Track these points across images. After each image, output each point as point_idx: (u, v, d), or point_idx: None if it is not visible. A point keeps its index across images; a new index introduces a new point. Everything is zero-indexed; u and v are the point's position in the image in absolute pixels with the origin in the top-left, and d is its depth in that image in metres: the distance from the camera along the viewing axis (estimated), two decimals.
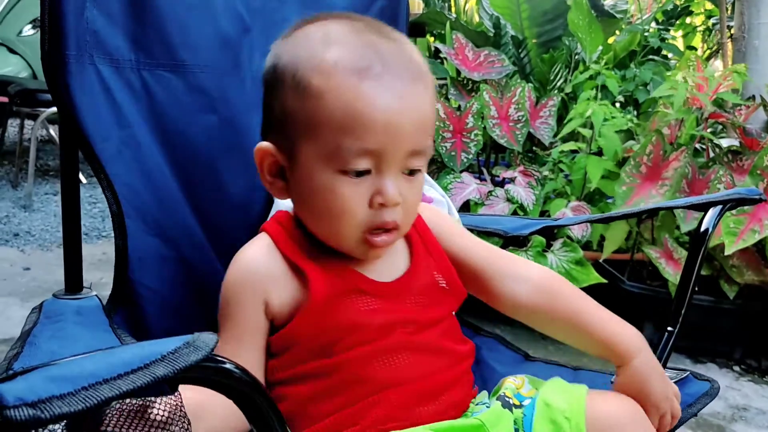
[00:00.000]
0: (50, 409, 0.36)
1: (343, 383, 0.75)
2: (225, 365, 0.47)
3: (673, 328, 0.98)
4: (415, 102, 0.72)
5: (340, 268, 0.78)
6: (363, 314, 0.77)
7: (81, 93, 0.86)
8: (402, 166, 0.74)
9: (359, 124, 0.70)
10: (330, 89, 0.70)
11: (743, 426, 2.03)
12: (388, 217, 0.74)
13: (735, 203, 0.99)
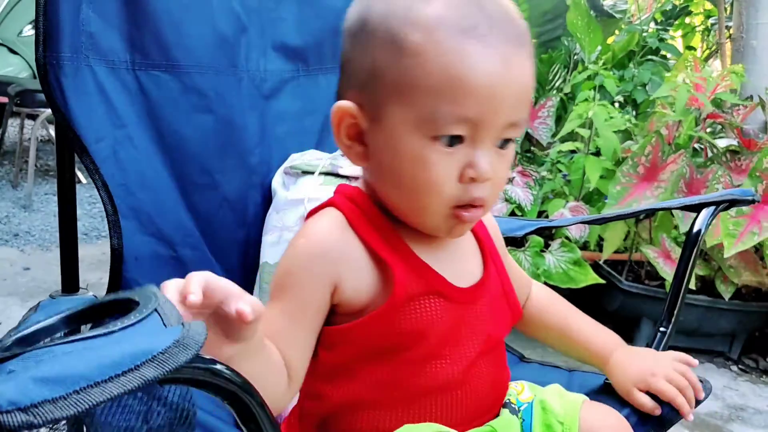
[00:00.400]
0: (43, 414, 0.36)
1: (395, 395, 0.71)
2: (215, 366, 0.47)
3: (666, 329, 0.98)
4: (520, 68, 0.64)
5: (420, 264, 0.71)
6: (439, 320, 0.71)
7: (75, 94, 0.87)
8: (496, 137, 0.66)
9: (459, 89, 0.62)
10: (429, 47, 0.62)
11: (740, 426, 2.03)
12: (478, 193, 0.66)
13: (728, 204, 0.99)
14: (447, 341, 0.72)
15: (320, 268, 0.69)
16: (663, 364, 0.89)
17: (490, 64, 0.62)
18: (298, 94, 1.14)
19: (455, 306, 0.72)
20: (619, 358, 0.89)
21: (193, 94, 0.99)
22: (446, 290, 0.72)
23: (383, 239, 0.71)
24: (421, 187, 0.66)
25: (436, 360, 0.71)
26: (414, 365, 0.71)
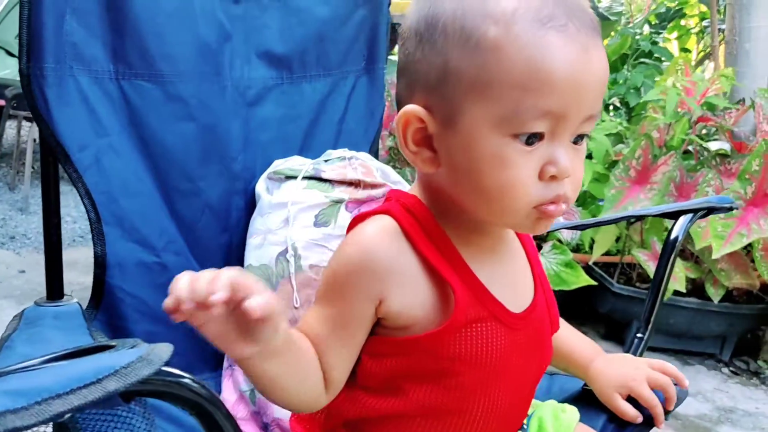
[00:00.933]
0: (3, 423, 0.37)
1: (432, 415, 0.70)
2: (181, 379, 0.49)
3: (643, 335, 0.99)
4: (599, 57, 0.62)
5: (479, 286, 0.69)
6: (493, 347, 0.69)
7: (58, 104, 0.88)
8: (574, 132, 0.63)
9: (543, 81, 0.59)
10: (510, 41, 0.59)
11: (729, 428, 2.04)
12: (559, 191, 0.63)
13: (706, 212, 1.01)
14: (501, 368, 0.70)
15: (367, 281, 0.66)
16: (642, 369, 0.90)
17: (572, 54, 0.59)
18: (282, 101, 1.15)
19: (510, 332, 0.70)
20: (600, 366, 0.90)
21: (177, 103, 1.01)
22: (502, 316, 0.69)
23: (441, 254, 0.68)
24: (503, 188, 0.63)
25: (487, 387, 0.70)
26: (464, 390, 0.69)
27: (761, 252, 2.20)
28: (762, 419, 2.11)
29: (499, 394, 0.70)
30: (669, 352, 2.51)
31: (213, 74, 1.06)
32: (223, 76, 1.07)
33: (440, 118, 0.64)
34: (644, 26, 3.49)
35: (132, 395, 0.47)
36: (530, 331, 0.72)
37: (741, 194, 2.11)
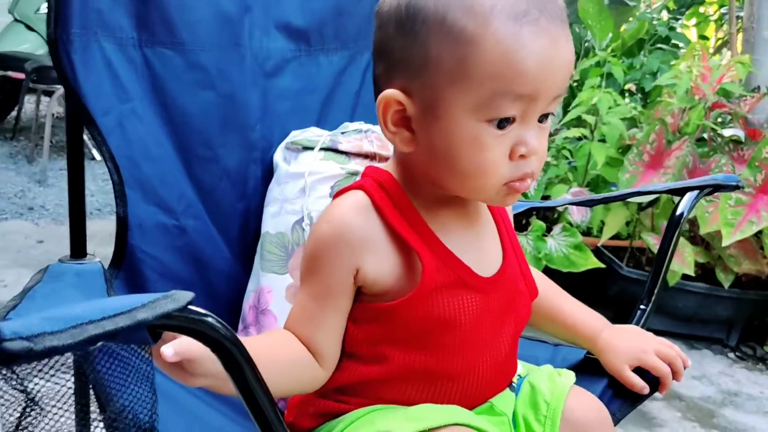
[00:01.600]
0: (41, 342, 0.40)
1: (417, 377, 0.75)
2: (205, 318, 0.52)
3: (646, 307, 1.02)
4: (566, 46, 0.68)
5: (447, 253, 0.74)
6: (466, 310, 0.74)
7: (84, 69, 0.91)
8: (543, 111, 0.69)
9: (517, 71, 0.65)
10: (488, 36, 0.64)
11: (732, 410, 2.07)
12: (528, 168, 0.69)
13: (711, 189, 1.02)
14: (472, 331, 0.75)
15: (342, 253, 0.71)
16: (651, 341, 0.93)
17: (543, 46, 0.65)
18: (300, 73, 1.18)
19: (481, 295, 0.75)
20: (608, 338, 0.93)
21: (197, 71, 1.03)
22: (471, 280, 0.74)
23: (410, 225, 0.73)
24: (477, 168, 0.68)
25: (461, 348, 0.75)
26: (440, 351, 0.74)
27: None
28: (766, 403, 2.13)
29: (477, 354, 0.75)
30: (676, 336, 2.53)
31: (233, 44, 1.08)
32: (243, 46, 1.10)
33: (419, 103, 0.69)
34: (662, 12, 3.48)
35: (159, 330, 0.50)
36: (502, 293, 0.77)
37: (751, 182, 2.12)
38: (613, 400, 0.91)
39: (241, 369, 0.54)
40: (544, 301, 0.95)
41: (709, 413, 2.03)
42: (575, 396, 0.83)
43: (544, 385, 0.83)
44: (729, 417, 2.02)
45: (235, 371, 0.55)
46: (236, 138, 1.09)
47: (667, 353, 0.91)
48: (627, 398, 0.91)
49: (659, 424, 1.94)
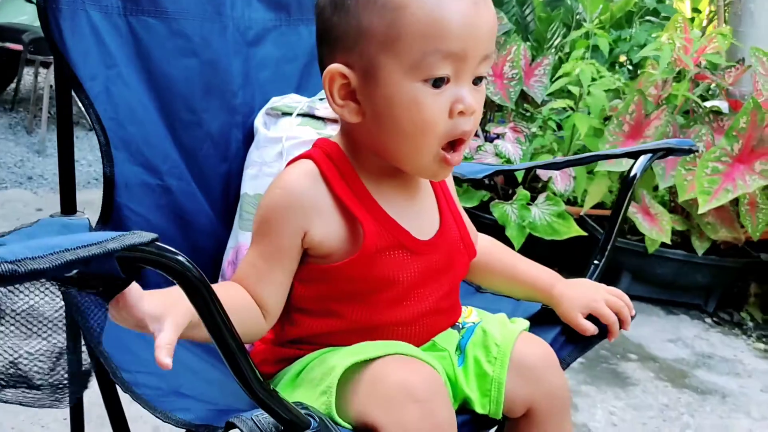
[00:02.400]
0: (24, 266, 0.47)
1: (354, 327, 0.82)
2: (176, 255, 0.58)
3: (599, 262, 1.08)
4: (487, 9, 0.74)
5: (387, 219, 0.81)
6: (404, 269, 0.81)
7: (72, 36, 0.97)
8: (474, 73, 0.75)
9: (442, 30, 0.70)
10: (419, 2, 0.71)
11: (705, 372, 2.15)
12: (466, 126, 0.75)
13: (664, 152, 1.08)
14: (413, 286, 0.83)
15: (292, 217, 0.78)
16: (601, 292, 1.00)
17: (463, 6, 0.71)
18: (280, 42, 1.23)
19: (418, 256, 0.82)
20: (563, 290, 0.99)
21: (180, 39, 1.09)
22: (409, 243, 0.82)
23: (354, 194, 0.80)
24: (418, 127, 0.74)
25: (403, 302, 0.83)
26: (384, 306, 0.82)
27: (747, 207, 2.27)
28: (737, 365, 2.21)
29: (417, 306, 0.84)
30: (655, 302, 2.61)
31: (215, 13, 1.14)
32: (225, 15, 1.15)
33: (360, 73, 0.75)
34: None
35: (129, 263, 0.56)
36: (440, 253, 0.85)
37: (728, 151, 2.18)
38: (565, 345, 0.98)
39: (205, 301, 0.61)
40: (500, 264, 1.04)
41: (681, 374, 2.12)
42: (524, 340, 0.90)
43: (495, 330, 0.90)
44: (701, 378, 2.11)
45: (199, 302, 0.61)
46: (218, 103, 1.15)
47: (615, 303, 0.98)
48: (577, 343, 0.98)
49: (633, 383, 2.03)
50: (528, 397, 0.87)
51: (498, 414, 0.85)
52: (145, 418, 0.99)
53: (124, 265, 0.55)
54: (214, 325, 0.61)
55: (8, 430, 1.54)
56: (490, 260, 1.04)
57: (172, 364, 0.94)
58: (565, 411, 0.90)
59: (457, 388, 0.87)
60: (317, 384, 0.78)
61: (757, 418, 1.91)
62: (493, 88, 2.82)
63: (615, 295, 1.00)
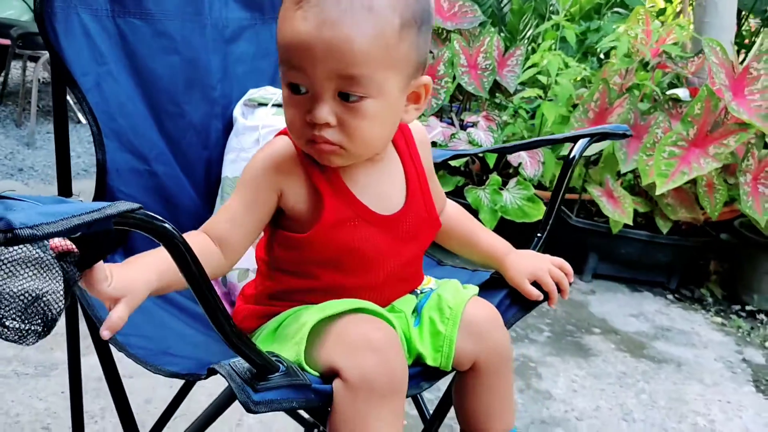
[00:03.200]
0: (41, 230, 0.58)
1: (325, 288, 0.93)
2: (162, 222, 0.69)
3: (542, 234, 1.20)
4: (333, 32, 0.78)
5: (347, 194, 0.90)
6: (366, 240, 0.91)
7: (66, 37, 1.08)
8: (334, 88, 0.81)
9: (282, 44, 0.82)
10: (280, 15, 0.84)
11: (663, 343, 2.29)
12: (320, 133, 0.83)
13: (601, 137, 1.21)
14: (376, 255, 0.93)
15: (271, 176, 0.89)
16: (546, 263, 1.12)
17: (305, 27, 0.79)
18: (255, 39, 1.35)
19: (379, 229, 0.92)
20: (513, 258, 1.12)
21: (163, 38, 1.20)
22: (369, 217, 0.92)
23: (320, 170, 0.90)
24: (287, 123, 0.87)
25: (368, 268, 0.94)
26: (350, 271, 0.93)
27: (704, 188, 2.41)
28: (694, 336, 2.36)
29: (382, 272, 0.95)
30: (621, 280, 2.75)
31: (194, 14, 1.25)
32: (203, 15, 1.27)
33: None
34: None
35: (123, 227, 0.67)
36: (403, 227, 0.96)
37: (684, 136, 2.31)
38: (510, 308, 1.10)
39: (185, 260, 0.72)
40: (463, 230, 1.16)
41: (640, 345, 2.26)
42: (474, 303, 1.02)
43: (449, 295, 1.02)
44: (658, 348, 2.25)
45: (180, 261, 0.71)
46: (199, 96, 1.27)
47: (557, 274, 1.10)
48: (521, 306, 1.10)
49: (594, 354, 2.17)
50: (474, 353, 0.98)
51: (448, 367, 0.97)
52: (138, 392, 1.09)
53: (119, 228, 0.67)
54: (194, 281, 0.73)
55: (8, 402, 1.65)
56: (455, 226, 1.15)
57: (162, 330, 1.07)
58: (506, 365, 1.02)
59: (411, 345, 0.98)
60: (291, 337, 0.90)
61: (708, 384, 2.06)
62: (467, 78, 2.94)
63: (557, 265, 1.12)
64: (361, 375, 0.81)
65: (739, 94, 2.29)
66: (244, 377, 0.80)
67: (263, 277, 0.98)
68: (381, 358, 0.83)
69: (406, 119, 0.92)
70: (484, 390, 1.01)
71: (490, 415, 1.01)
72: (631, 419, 1.82)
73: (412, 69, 0.86)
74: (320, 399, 0.84)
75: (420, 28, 0.85)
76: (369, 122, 0.84)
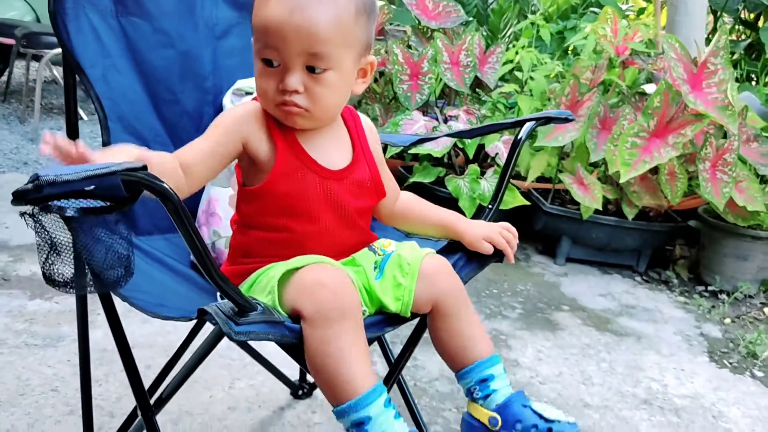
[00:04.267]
0: (60, 178, 0.73)
1: (286, 238, 1.08)
2: (162, 183, 0.85)
3: (492, 206, 1.35)
4: (302, 16, 0.97)
5: (299, 148, 1.06)
6: (313, 189, 1.06)
7: (76, 34, 1.24)
8: (302, 62, 1.00)
9: (260, 25, 0.99)
10: (256, 3, 1.02)
11: (626, 319, 2.46)
12: (288, 97, 1.02)
13: (544, 121, 1.37)
14: (323, 205, 1.08)
15: (238, 124, 1.07)
16: (496, 227, 1.27)
17: (278, 11, 0.98)
18: (243, 35, 1.51)
19: (325, 181, 1.08)
20: (467, 225, 1.27)
21: (160, 34, 1.37)
22: (316, 168, 1.08)
23: (279, 129, 1.07)
24: (258, 91, 1.05)
25: (316, 216, 1.10)
26: (301, 218, 1.08)
27: (666, 176, 2.58)
28: (656, 313, 2.53)
29: (329, 219, 1.11)
30: (592, 264, 2.92)
31: (188, 13, 1.42)
32: (196, 15, 1.44)
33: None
34: None
35: (129, 184, 0.83)
36: (346, 183, 1.12)
37: (645, 127, 2.48)
38: (465, 266, 1.26)
39: (180, 215, 0.89)
40: (418, 211, 1.32)
41: (605, 320, 2.43)
42: (429, 258, 1.18)
43: (407, 253, 1.18)
44: (622, 324, 2.42)
45: (175, 215, 0.87)
46: (193, 86, 1.43)
47: (506, 235, 1.26)
48: (475, 263, 1.26)
49: (562, 328, 2.34)
50: (430, 297, 1.13)
51: (407, 313, 1.11)
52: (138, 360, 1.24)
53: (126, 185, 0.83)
54: (186, 232, 0.89)
55: (19, 368, 1.81)
56: (412, 207, 1.32)
57: (159, 287, 1.23)
58: (463, 305, 1.15)
59: (375, 295, 1.14)
60: (263, 289, 1.07)
61: (666, 354, 2.23)
62: (450, 74, 3.11)
63: (505, 228, 1.28)
64: (316, 308, 0.97)
65: (698, 87, 2.46)
66: (228, 314, 0.96)
67: (236, 236, 1.16)
68: (331, 292, 0.98)
69: (356, 90, 1.11)
70: (453, 327, 1.14)
71: (467, 347, 1.13)
72: (590, 383, 1.99)
73: (363, 48, 1.07)
74: (293, 335, 0.99)
75: (369, 16, 1.06)
76: (330, 90, 1.04)
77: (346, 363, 0.96)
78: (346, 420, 0.97)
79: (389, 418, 0.96)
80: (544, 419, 1.05)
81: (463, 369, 1.12)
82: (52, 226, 0.89)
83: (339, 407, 0.96)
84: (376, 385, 0.97)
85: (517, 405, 1.08)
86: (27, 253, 2.48)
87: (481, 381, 1.11)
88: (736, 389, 2.05)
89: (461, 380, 1.14)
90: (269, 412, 1.72)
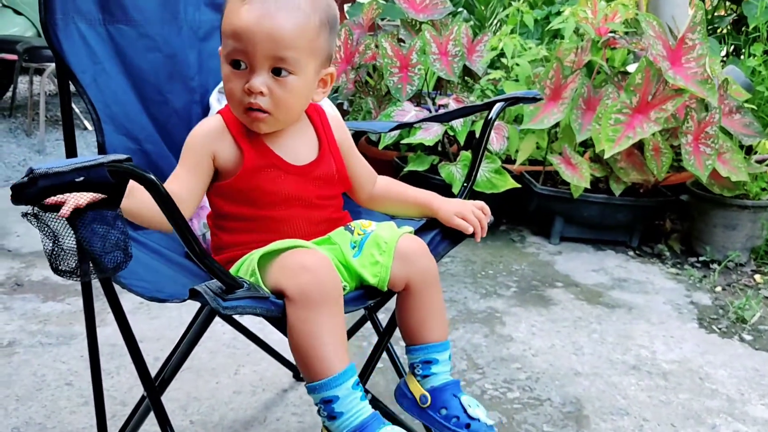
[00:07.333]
0: (51, 170, 0.81)
1: (258, 226, 1.15)
2: (148, 173, 0.94)
3: (467, 184, 1.43)
4: (272, 23, 1.04)
5: (264, 147, 1.14)
6: (280, 184, 1.14)
7: (66, 42, 1.33)
8: (266, 66, 1.06)
9: (227, 30, 1.07)
10: (227, 8, 1.09)
11: (618, 291, 2.53)
12: (252, 99, 1.08)
13: (514, 101, 1.44)
14: (291, 197, 1.16)
15: (206, 143, 1.14)
16: (468, 205, 1.35)
17: (248, 18, 1.05)
18: None
19: (291, 176, 1.15)
20: (441, 203, 1.34)
21: (146, 39, 1.45)
22: (281, 165, 1.15)
23: (245, 134, 1.15)
24: (226, 93, 1.11)
25: (285, 207, 1.18)
26: (272, 208, 1.15)
27: (651, 152, 2.65)
28: (647, 285, 2.60)
29: (300, 210, 1.18)
30: (586, 242, 2.99)
31: (171, 18, 1.50)
32: (179, 19, 1.52)
33: None
34: None
35: (117, 174, 0.91)
36: (312, 176, 1.19)
37: (627, 104, 2.55)
38: (440, 242, 1.34)
39: (163, 197, 0.97)
40: (396, 194, 1.39)
41: (597, 294, 2.50)
42: (405, 237, 1.26)
43: (385, 232, 1.26)
44: (613, 296, 2.49)
45: (160, 198, 0.96)
46: (180, 86, 1.52)
47: (479, 214, 1.34)
48: (449, 240, 1.34)
49: (555, 303, 2.41)
50: (405, 276, 1.20)
51: (384, 287, 1.19)
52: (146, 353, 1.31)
53: (113, 175, 0.91)
54: (174, 220, 0.97)
55: (35, 365, 1.91)
56: (389, 189, 1.39)
57: (155, 275, 1.32)
58: (434, 286, 1.23)
59: (354, 271, 1.22)
60: (245, 272, 1.15)
61: (655, 323, 2.30)
62: (439, 65, 3.18)
63: (478, 207, 1.36)
64: (299, 290, 1.04)
65: (677, 62, 2.52)
66: (216, 292, 1.04)
67: (214, 231, 1.24)
68: (313, 276, 1.05)
69: (316, 99, 1.19)
70: (417, 307, 1.22)
71: (423, 327, 1.22)
72: (581, 353, 2.06)
73: (324, 59, 1.15)
74: (277, 309, 1.07)
75: (331, 30, 1.14)
76: (292, 94, 1.11)
77: (323, 344, 1.04)
78: (316, 396, 1.05)
79: (356, 398, 1.04)
80: (466, 414, 1.14)
81: (413, 345, 1.22)
82: (53, 222, 0.98)
83: (311, 384, 1.04)
84: (347, 368, 1.05)
85: (449, 393, 1.17)
86: (38, 259, 2.58)
87: (426, 362, 1.20)
88: (724, 352, 2.12)
89: (409, 354, 1.23)
90: (272, 395, 1.80)
